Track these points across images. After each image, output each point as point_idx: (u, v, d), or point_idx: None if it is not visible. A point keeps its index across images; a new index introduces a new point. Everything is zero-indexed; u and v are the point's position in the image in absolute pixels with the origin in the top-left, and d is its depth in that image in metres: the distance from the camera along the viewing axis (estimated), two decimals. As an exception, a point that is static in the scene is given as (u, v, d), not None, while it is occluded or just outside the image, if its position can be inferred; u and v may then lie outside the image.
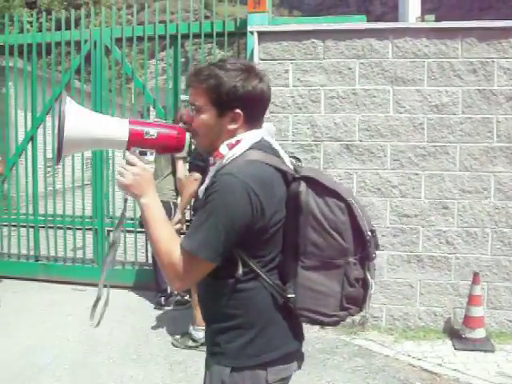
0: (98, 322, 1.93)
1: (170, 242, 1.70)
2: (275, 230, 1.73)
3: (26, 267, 6.73)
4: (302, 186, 1.72)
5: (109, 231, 6.61)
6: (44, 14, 6.79)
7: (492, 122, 4.90)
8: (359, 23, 5.23)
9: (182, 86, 6.54)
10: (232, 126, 1.77)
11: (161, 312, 5.65)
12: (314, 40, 5.08)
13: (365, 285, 1.75)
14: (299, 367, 1.90)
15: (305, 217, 1.70)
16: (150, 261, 6.27)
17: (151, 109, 6.71)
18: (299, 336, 1.87)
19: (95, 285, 1.79)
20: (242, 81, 1.74)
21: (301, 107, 5.15)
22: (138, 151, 1.76)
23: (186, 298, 5.79)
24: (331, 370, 4.31)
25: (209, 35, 6.19)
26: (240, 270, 1.71)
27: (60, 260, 6.77)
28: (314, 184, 1.72)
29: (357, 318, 5.01)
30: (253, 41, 5.27)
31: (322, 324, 1.80)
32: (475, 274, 4.77)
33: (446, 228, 4.98)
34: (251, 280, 1.74)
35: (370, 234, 1.74)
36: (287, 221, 1.74)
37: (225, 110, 1.76)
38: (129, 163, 1.74)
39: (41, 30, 6.71)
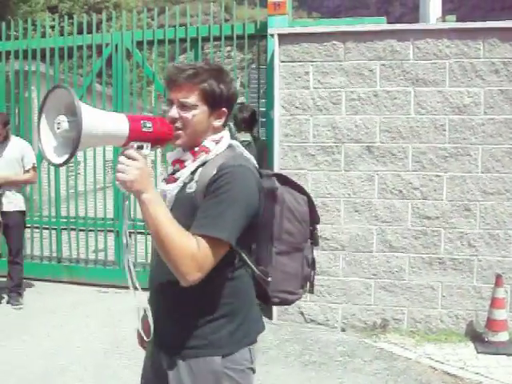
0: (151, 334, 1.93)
1: (182, 234, 1.70)
2: (258, 220, 1.88)
3: (49, 269, 6.79)
4: (276, 182, 1.96)
5: (130, 233, 6.65)
6: (66, 18, 6.85)
7: (515, 123, 4.85)
8: (380, 24, 5.20)
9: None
10: (217, 123, 1.92)
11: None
12: (334, 42, 5.07)
13: (313, 264, 2.06)
14: None
15: (281, 209, 1.94)
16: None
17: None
18: (263, 320, 2.06)
19: (117, 286, 1.82)
20: (228, 83, 1.90)
21: (321, 109, 5.14)
22: (136, 145, 1.73)
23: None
24: (352, 372, 4.29)
25: (229, 38, 6.21)
26: (236, 258, 1.84)
27: (82, 262, 6.82)
28: (284, 180, 1.99)
29: (378, 320, 5.01)
30: (273, 43, 5.27)
31: (287, 303, 2.05)
32: (498, 277, 4.73)
33: (469, 230, 4.93)
34: (239, 268, 1.88)
35: None
36: (264, 212, 1.89)
37: (215, 108, 1.89)
38: (130, 158, 1.70)
39: (62, 34, 6.79)
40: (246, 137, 5.60)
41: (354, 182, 5.09)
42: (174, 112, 1.86)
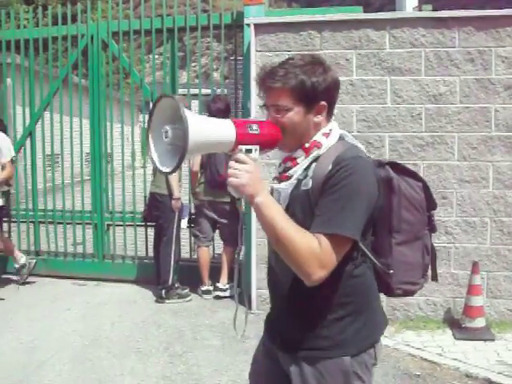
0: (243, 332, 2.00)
1: (303, 234, 1.67)
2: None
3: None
4: (390, 171, 1.88)
5: (108, 225, 6.63)
6: (40, 8, 6.76)
7: (490, 111, 4.89)
8: (356, 14, 5.20)
9: (181, 80, 6.54)
10: (318, 119, 1.83)
11: (162, 305, 5.66)
12: (310, 31, 5.07)
13: (433, 252, 2.00)
14: None
15: (398, 198, 1.87)
16: (151, 254, 6.28)
17: (150, 103, 6.71)
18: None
19: (95, 279, 1.80)
20: (321, 74, 1.80)
21: (298, 99, 5.13)
22: (244, 149, 1.71)
23: (186, 290, 5.80)
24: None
25: (207, 28, 6.18)
26: (359, 253, 1.81)
27: (60, 255, 6.77)
28: (398, 169, 1.91)
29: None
30: (249, 33, 5.26)
31: (410, 293, 1.98)
32: (474, 264, 4.77)
33: (445, 218, 4.97)
34: (362, 263, 1.84)
35: None
36: (380, 202, 1.83)
37: (311, 104, 1.81)
38: (240, 162, 1.68)
39: (38, 26, 6.71)
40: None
41: (332, 172, 5.10)
42: (271, 117, 1.83)
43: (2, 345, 4.68)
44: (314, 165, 1.80)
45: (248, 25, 5.30)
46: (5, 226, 6.81)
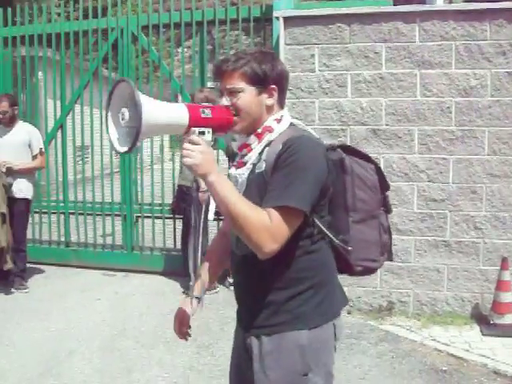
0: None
1: (256, 210, 1.75)
2: (329, 191, 1.92)
3: (57, 253, 6.85)
4: (342, 153, 1.98)
5: (137, 217, 6.70)
6: (72, 3, 6.85)
7: (522, 105, 4.82)
8: (385, 6, 5.15)
9: (210, 73, 6.56)
10: (270, 101, 1.92)
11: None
12: (339, 24, 5.04)
13: (390, 233, 2.08)
14: None
15: (351, 178, 1.96)
16: (179, 246, 6.33)
17: (179, 96, 6.75)
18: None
19: (124, 270, 1.86)
20: (269, 61, 1.92)
21: (327, 92, 5.13)
22: (197, 131, 1.80)
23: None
24: (358, 354, 4.32)
25: (236, 21, 6.19)
26: (315, 230, 1.88)
27: (90, 246, 6.88)
28: (351, 151, 2.02)
29: (384, 303, 5.03)
30: (278, 26, 5.25)
31: (370, 270, 2.07)
32: (504, 260, 4.72)
33: (474, 213, 4.92)
34: (319, 240, 1.92)
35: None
36: (334, 183, 1.93)
37: (262, 87, 1.90)
38: (193, 143, 1.76)
39: (69, 19, 6.79)
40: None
41: (360, 165, 5.07)
42: (224, 100, 1.91)
43: (34, 333, 4.78)
44: (267, 149, 1.89)
45: (277, 18, 5.29)
46: (36, 217, 6.95)
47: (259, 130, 1.91)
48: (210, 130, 1.84)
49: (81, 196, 6.90)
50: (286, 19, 5.18)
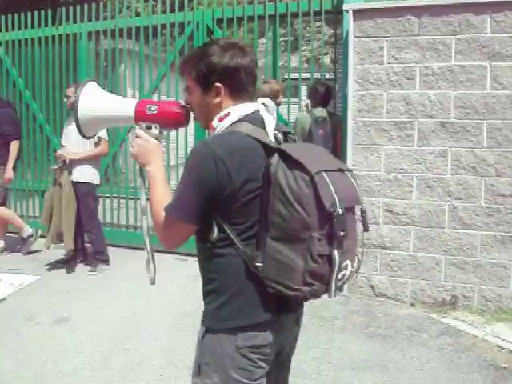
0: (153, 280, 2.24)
1: (160, 205, 1.87)
2: (249, 199, 1.80)
3: (133, 237, 7.17)
4: (274, 158, 1.76)
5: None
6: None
7: None
8: (457, -2, 5.09)
9: (292, 63, 6.67)
10: (216, 100, 1.92)
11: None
12: (409, 16, 5.02)
13: (330, 262, 1.70)
14: (277, 338, 1.94)
15: (273, 188, 1.73)
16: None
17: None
18: (272, 308, 1.86)
19: (195, 255, 2.02)
20: (216, 57, 1.89)
21: (395, 84, 5.13)
22: (144, 126, 2.02)
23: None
24: (416, 346, 4.34)
25: (308, 14, 6.27)
26: (215, 235, 1.83)
27: (164, 231, 7.14)
28: (285, 156, 1.74)
29: (447, 297, 5.00)
30: (348, 19, 5.29)
31: (286, 296, 1.76)
32: None
33: (545, 209, 4.81)
34: (226, 246, 1.84)
35: (339, 210, 1.67)
36: (262, 192, 1.79)
37: (206, 85, 1.92)
38: (136, 136, 2.00)
39: (148, 14, 7.09)
40: (323, 112, 5.69)
41: (427, 158, 5.07)
42: (185, 97, 2.05)
43: (108, 312, 5.09)
44: None
45: (347, 11, 5.33)
46: (115, 201, 7.30)
47: (210, 129, 1.98)
48: (157, 125, 2.03)
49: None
50: (356, 12, 5.21)
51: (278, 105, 6.01)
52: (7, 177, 6.60)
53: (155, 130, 2.02)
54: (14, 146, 6.62)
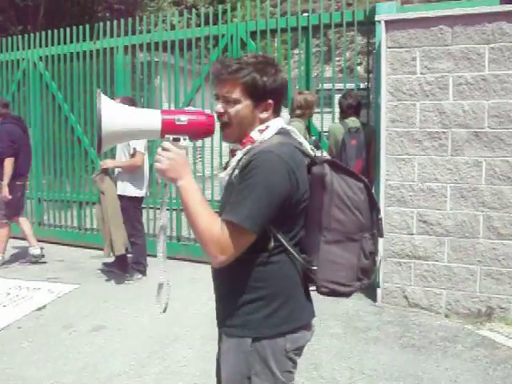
0: (165, 308, 2.21)
1: (209, 219, 1.83)
2: (302, 208, 1.91)
3: (169, 247, 7.27)
4: (327, 169, 1.90)
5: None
6: (185, 13, 7.27)
7: None
8: (489, 6, 5.04)
9: (326, 74, 6.70)
10: (264, 115, 1.97)
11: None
12: (441, 26, 5.02)
13: (374, 258, 1.94)
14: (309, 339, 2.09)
15: (329, 196, 1.88)
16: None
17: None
18: (313, 308, 2.06)
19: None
20: (272, 75, 1.94)
21: (428, 94, 5.12)
22: (171, 138, 1.89)
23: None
24: (451, 357, 4.30)
25: (340, 25, 6.31)
26: (272, 243, 1.88)
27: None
28: (336, 166, 1.91)
29: (483, 308, 4.95)
30: (380, 29, 5.31)
31: (339, 294, 1.95)
32: None
33: None
34: (279, 253, 1.91)
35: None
36: (312, 200, 1.91)
37: (259, 101, 1.95)
38: (164, 149, 1.87)
39: (188, 27, 7.25)
40: (356, 123, 5.71)
41: (461, 168, 5.04)
42: (219, 107, 1.96)
43: (144, 319, 5.18)
44: (244, 157, 1.90)
45: (379, 21, 5.35)
46: (151, 212, 7.43)
47: (244, 140, 1.95)
48: (186, 137, 1.91)
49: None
50: (388, 23, 5.23)
51: (311, 115, 6.06)
52: (3, 194, 6.73)
53: (184, 142, 1.90)
54: (8, 162, 6.73)
